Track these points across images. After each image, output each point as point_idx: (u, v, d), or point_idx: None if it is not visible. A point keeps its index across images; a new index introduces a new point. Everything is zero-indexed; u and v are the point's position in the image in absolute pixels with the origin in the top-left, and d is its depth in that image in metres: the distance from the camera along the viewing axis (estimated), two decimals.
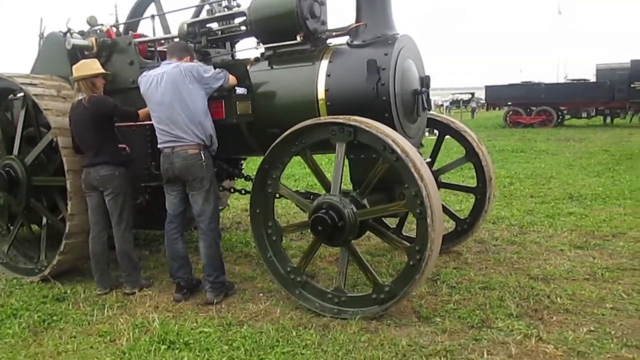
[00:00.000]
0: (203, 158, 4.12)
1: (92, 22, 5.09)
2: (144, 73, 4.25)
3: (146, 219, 5.12)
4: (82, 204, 4.49)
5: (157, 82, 4.08)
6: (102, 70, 4.47)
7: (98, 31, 5.02)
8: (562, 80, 33.41)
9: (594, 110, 23.87)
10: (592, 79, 26.27)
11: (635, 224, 5.89)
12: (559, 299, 3.85)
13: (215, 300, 4.11)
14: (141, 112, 4.39)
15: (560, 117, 24.51)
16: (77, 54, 4.89)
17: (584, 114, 24.14)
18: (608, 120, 24.48)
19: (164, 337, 3.46)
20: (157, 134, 4.19)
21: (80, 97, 4.35)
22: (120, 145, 4.55)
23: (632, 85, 22.13)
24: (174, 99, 4.02)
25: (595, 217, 6.26)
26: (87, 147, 4.35)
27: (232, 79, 4.26)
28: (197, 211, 4.16)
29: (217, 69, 4.23)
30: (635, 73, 22.20)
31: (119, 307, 4.15)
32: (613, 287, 4.04)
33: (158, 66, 4.29)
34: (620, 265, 4.53)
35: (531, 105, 24.45)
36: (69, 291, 4.53)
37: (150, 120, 4.26)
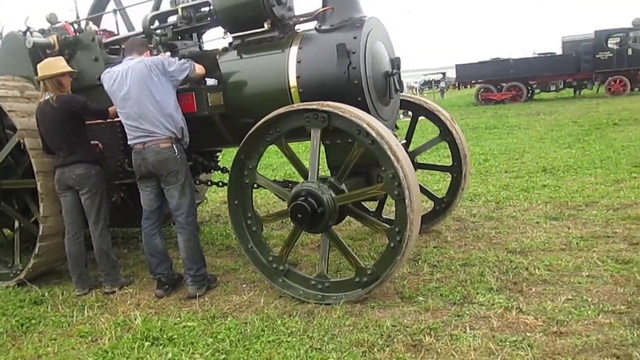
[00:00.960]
0: (176, 151, 4.06)
1: (52, 19, 4.95)
2: (107, 70, 4.17)
3: (122, 216, 5.05)
4: (55, 205, 4.41)
5: (122, 77, 4.01)
6: (69, 69, 4.36)
7: (59, 28, 4.89)
8: (530, 55, 33.75)
9: (562, 83, 24.16)
10: (559, 52, 26.64)
11: (606, 192, 6.03)
12: (537, 270, 3.93)
13: (197, 294, 4.09)
14: (111, 109, 4.31)
15: (530, 91, 24.82)
16: (38, 52, 4.75)
17: (553, 87, 24.41)
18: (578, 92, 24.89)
19: (147, 334, 3.44)
20: (127, 131, 4.12)
21: (47, 97, 4.24)
22: (92, 142, 4.46)
23: (597, 56, 22.47)
24: (141, 93, 3.96)
25: (568, 188, 6.38)
26: (59, 147, 4.26)
27: (198, 68, 4.20)
28: (173, 205, 4.12)
29: (181, 60, 4.17)
30: (599, 44, 22.55)
31: (100, 307, 4.11)
32: (588, 256, 4.14)
33: (120, 62, 4.20)
34: (594, 234, 4.64)
35: (501, 82, 24.67)
36: (46, 294, 4.46)
37: (116, 118, 4.19)
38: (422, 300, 3.61)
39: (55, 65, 4.30)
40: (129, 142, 4.15)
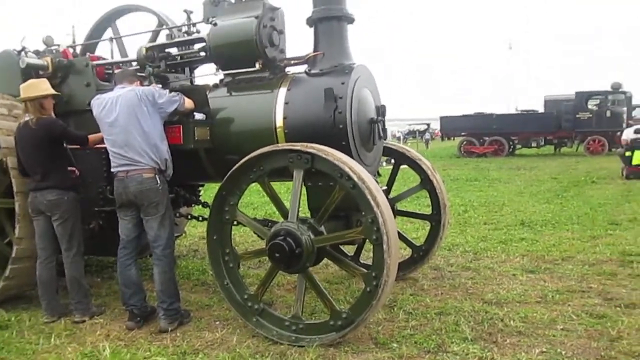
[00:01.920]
0: (158, 182, 4.06)
1: (48, 42, 5.01)
2: (97, 96, 4.20)
3: (99, 244, 4.98)
4: (31, 227, 4.34)
5: (111, 104, 4.04)
6: (52, 91, 4.34)
7: (54, 51, 4.94)
8: (513, 111, 34.66)
9: (543, 140, 24.85)
10: (541, 109, 27.44)
11: (582, 247, 6.12)
12: (512, 322, 3.94)
13: (169, 328, 4.01)
14: (91, 137, 4.32)
15: (512, 146, 25.38)
16: (31, 73, 4.78)
17: (534, 144, 25.06)
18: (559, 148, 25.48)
19: None
20: (111, 158, 4.12)
21: (27, 118, 4.23)
22: (69, 168, 4.43)
23: (577, 116, 23.26)
24: (129, 122, 3.99)
25: (545, 242, 6.47)
26: (33, 170, 4.23)
27: (188, 103, 4.25)
28: (152, 236, 4.09)
29: (172, 93, 4.22)
30: (579, 104, 23.38)
31: (67, 336, 4.00)
32: (563, 309, 4.17)
33: (111, 90, 4.24)
34: (569, 288, 4.69)
35: (484, 136, 25.24)
36: (13, 319, 4.34)
37: (100, 145, 4.20)
38: (396, 347, 3.58)
39: (38, 87, 4.28)
40: (112, 170, 4.14)
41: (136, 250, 4.28)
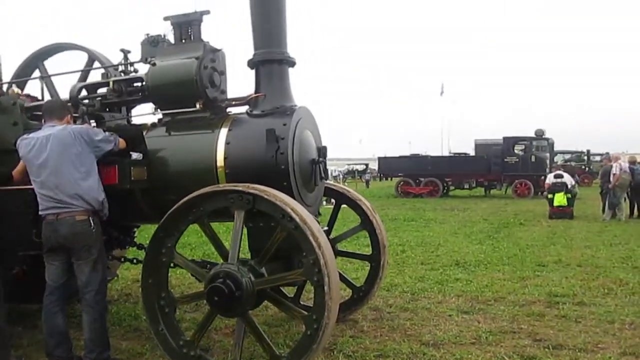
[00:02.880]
0: (92, 224, 3.88)
1: None
2: (24, 136, 4.00)
3: (22, 291, 4.65)
4: None
5: (40, 144, 3.86)
6: None
7: None
8: (446, 153, 36.09)
9: (475, 182, 25.92)
10: (472, 153, 28.73)
11: (513, 288, 6.34)
12: None
13: None
14: (15, 172, 4.11)
15: (446, 187, 26.28)
16: None
17: (466, 185, 26.08)
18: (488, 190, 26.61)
19: None
20: (40, 200, 3.91)
21: None
22: None
23: (505, 160, 24.50)
24: (61, 162, 3.81)
25: (479, 283, 6.66)
26: None
27: (122, 143, 4.14)
28: (82, 282, 3.88)
29: (107, 133, 4.10)
30: (507, 149, 24.69)
31: None
32: (496, 351, 4.26)
33: (40, 129, 4.06)
34: (501, 329, 4.81)
35: (420, 176, 26.04)
36: None
37: (26, 182, 4.00)
38: None
39: None
40: (40, 212, 3.92)
41: (64, 297, 4.03)
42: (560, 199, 14.60)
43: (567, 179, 15.17)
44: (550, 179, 15.47)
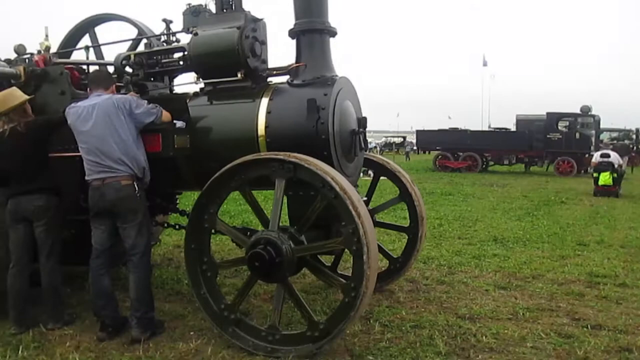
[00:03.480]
0: (136, 189, 4.02)
1: (20, 50, 4.90)
2: (72, 105, 4.14)
3: (71, 253, 4.86)
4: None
5: (87, 113, 3.99)
6: (27, 97, 4.31)
7: (26, 60, 4.84)
8: (486, 128, 35.30)
9: (515, 158, 25.33)
10: (513, 128, 28.01)
11: (552, 266, 6.24)
12: (484, 337, 3.99)
13: (141, 337, 3.93)
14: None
15: (485, 163, 25.80)
16: (2, 82, 4.66)
17: (506, 161, 25.53)
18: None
19: None
20: (86, 166, 4.06)
21: (10, 126, 4.16)
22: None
23: (548, 136, 23.78)
24: (106, 130, 3.95)
25: (516, 259, 6.58)
26: (21, 174, 4.16)
27: (165, 115, 4.22)
28: (129, 245, 4.03)
29: (150, 104, 4.18)
30: (550, 125, 23.91)
31: (36, 348, 3.88)
32: (533, 327, 4.23)
33: (86, 98, 4.19)
34: (539, 306, 4.77)
35: (458, 151, 25.62)
36: None
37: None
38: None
39: (15, 96, 4.24)
40: (87, 178, 4.07)
41: (109, 260, 4.20)
42: (605, 178, 14.59)
43: (614, 158, 15.07)
44: (596, 157, 15.47)
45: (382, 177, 5.34)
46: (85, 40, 5.63)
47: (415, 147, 35.34)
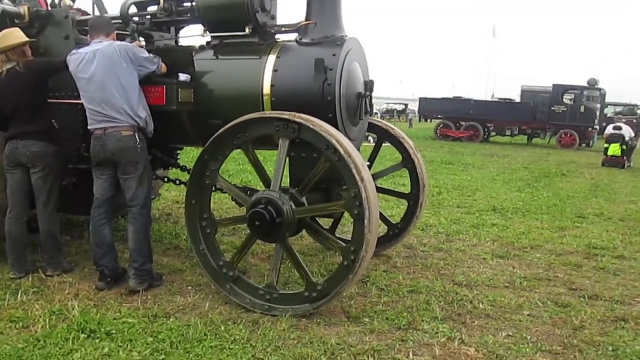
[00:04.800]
0: (138, 140, 3.97)
1: None
2: (74, 51, 4.05)
3: (72, 202, 4.86)
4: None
5: (88, 60, 3.91)
6: (28, 39, 4.22)
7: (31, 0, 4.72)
8: (489, 99, 34.98)
9: (518, 130, 25.19)
10: (517, 99, 27.75)
11: (551, 237, 6.27)
12: (481, 304, 4.03)
13: (138, 288, 3.97)
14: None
15: (487, 133, 25.66)
16: (6, 21, 4.55)
17: (508, 132, 25.39)
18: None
19: (84, 326, 3.31)
20: (88, 115, 4.01)
21: (8, 67, 4.09)
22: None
23: (552, 109, 23.58)
24: (107, 78, 3.87)
25: (515, 230, 6.60)
26: (20, 116, 4.11)
27: (164, 68, 4.15)
28: (130, 196, 4.02)
29: (150, 54, 4.10)
30: (555, 97, 23.69)
31: (35, 293, 3.93)
32: (530, 296, 4.27)
33: (88, 44, 4.09)
34: (537, 276, 4.80)
35: (461, 120, 25.44)
36: None
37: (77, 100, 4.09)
38: (368, 322, 3.63)
39: (16, 35, 4.17)
40: (89, 127, 4.03)
41: (111, 211, 4.20)
42: (615, 149, 15.81)
43: (626, 131, 16.32)
44: (609, 129, 16.74)
45: (384, 144, 5.29)
46: None
47: (416, 115, 35.05)
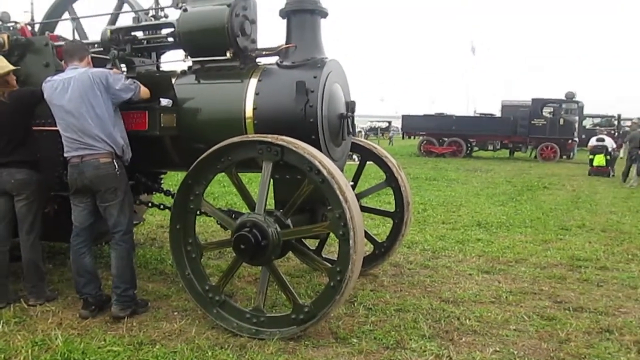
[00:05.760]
0: (116, 167, 3.94)
1: (4, 18, 4.76)
2: (48, 78, 4.03)
3: (53, 230, 4.79)
4: None
5: (62, 87, 3.89)
6: (12, 67, 4.21)
7: (11, 28, 4.71)
8: (471, 114, 35.44)
9: (499, 144, 25.52)
10: (498, 114, 28.16)
11: (535, 250, 6.33)
12: (467, 320, 4.04)
13: (121, 314, 3.91)
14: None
15: (469, 148, 25.95)
16: None
17: (490, 147, 25.71)
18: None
19: (68, 356, 3.26)
20: (64, 142, 3.97)
21: None
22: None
23: (532, 122, 23.98)
24: (82, 106, 3.85)
25: (500, 244, 6.65)
26: (1, 146, 4.08)
27: (143, 92, 4.11)
28: (112, 223, 3.99)
29: (128, 80, 4.08)
30: (535, 111, 24.12)
31: (17, 323, 3.85)
32: (516, 310, 4.30)
33: (62, 71, 4.09)
34: (522, 289, 4.84)
35: (443, 136, 25.72)
36: None
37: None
38: (356, 342, 3.61)
39: (0, 64, 4.15)
40: (65, 155, 4.00)
41: (90, 238, 4.15)
42: (600, 159, 16.93)
43: (609, 142, 17.37)
44: (592, 141, 17.76)
45: (368, 162, 5.33)
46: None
47: (399, 132, 35.40)
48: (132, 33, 4.57)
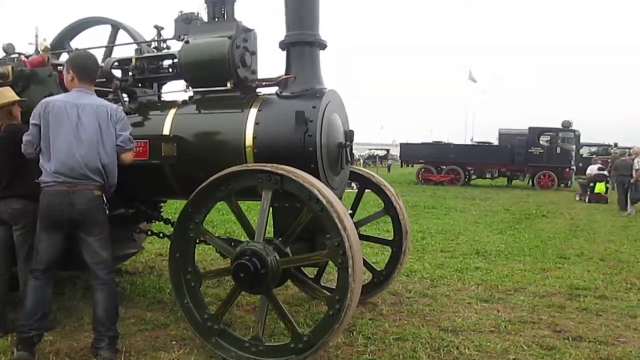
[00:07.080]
0: (105, 201, 3.82)
1: (8, 49, 4.87)
2: (45, 100, 3.80)
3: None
4: None
5: (71, 110, 3.68)
6: (17, 98, 4.26)
7: (15, 59, 4.81)
8: (469, 142, 35.71)
9: (497, 172, 25.64)
10: (496, 142, 28.38)
11: (533, 279, 6.32)
12: (467, 350, 4.02)
13: (114, 359, 3.73)
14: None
15: (467, 176, 26.06)
16: None
17: (488, 175, 25.82)
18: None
19: None
20: (47, 166, 3.70)
21: None
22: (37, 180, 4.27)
23: (529, 150, 24.18)
24: (93, 137, 3.70)
25: (499, 272, 6.65)
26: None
27: (130, 157, 3.96)
28: (96, 259, 3.76)
29: (131, 135, 3.97)
30: (532, 139, 24.34)
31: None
32: (515, 339, 4.28)
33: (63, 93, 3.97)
34: (521, 318, 4.82)
35: (441, 164, 25.87)
36: None
37: None
38: None
39: (5, 94, 4.20)
40: (44, 178, 3.72)
41: (55, 269, 3.90)
42: (600, 187, 17.94)
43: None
44: (593, 169, 18.72)
45: (366, 190, 5.38)
46: (74, 43, 5.61)
47: (397, 160, 35.70)
48: (135, 64, 4.66)
